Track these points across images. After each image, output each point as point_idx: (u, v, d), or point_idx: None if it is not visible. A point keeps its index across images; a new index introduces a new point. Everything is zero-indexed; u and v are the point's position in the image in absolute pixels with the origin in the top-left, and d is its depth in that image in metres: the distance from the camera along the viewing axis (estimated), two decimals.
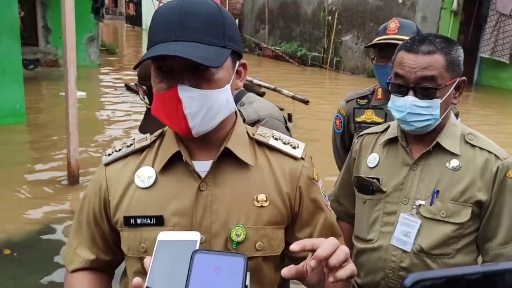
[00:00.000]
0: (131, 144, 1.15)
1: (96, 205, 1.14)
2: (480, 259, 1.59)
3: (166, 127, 1.14)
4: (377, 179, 1.57)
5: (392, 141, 1.59)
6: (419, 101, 1.42)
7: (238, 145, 1.08)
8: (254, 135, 1.13)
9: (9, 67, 6.68)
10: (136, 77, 1.69)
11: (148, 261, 0.79)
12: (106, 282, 1.22)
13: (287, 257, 1.17)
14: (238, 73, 1.08)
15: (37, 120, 7.40)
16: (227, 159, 1.08)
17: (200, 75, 0.98)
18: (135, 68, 1.09)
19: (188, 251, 0.74)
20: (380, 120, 2.17)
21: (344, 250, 0.87)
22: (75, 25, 4.77)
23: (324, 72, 14.78)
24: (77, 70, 4.89)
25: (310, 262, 0.86)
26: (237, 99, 1.69)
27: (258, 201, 1.07)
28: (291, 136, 1.62)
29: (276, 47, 16.64)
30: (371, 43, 2.22)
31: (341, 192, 1.80)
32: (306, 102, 4.82)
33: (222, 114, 1.03)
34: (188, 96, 0.97)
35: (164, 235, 0.80)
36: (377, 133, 1.67)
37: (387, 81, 1.51)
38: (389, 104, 1.51)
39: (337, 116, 2.37)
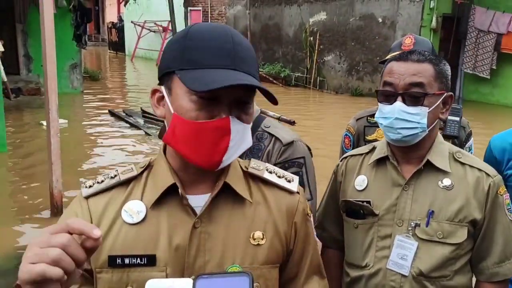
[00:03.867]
0: (115, 176, 1.05)
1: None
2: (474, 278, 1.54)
3: (154, 158, 1.06)
4: (368, 202, 1.51)
5: (380, 162, 1.55)
6: (407, 107, 1.41)
7: (235, 179, 1.02)
8: (247, 168, 1.07)
9: None
10: (118, 103, 1.61)
11: None
12: None
13: None
14: None
15: (19, 150, 7.26)
16: (224, 194, 1.01)
17: (242, 109, 0.94)
18: (206, 91, 0.89)
19: None
20: None
21: None
22: (56, 52, 4.71)
23: (308, 92, 14.86)
24: (60, 98, 4.82)
25: None
26: (259, 123, 1.67)
27: (254, 239, 1.00)
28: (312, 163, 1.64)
29: (259, 69, 16.70)
30: (385, 58, 2.17)
31: (326, 218, 1.71)
32: (292, 123, 4.78)
33: (244, 149, 0.98)
34: (236, 129, 0.92)
35: (152, 284, 0.72)
36: (362, 154, 1.63)
37: (375, 89, 1.50)
38: (377, 114, 1.49)
39: (346, 134, 2.30)
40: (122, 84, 16.22)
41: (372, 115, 2.21)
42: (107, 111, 10.37)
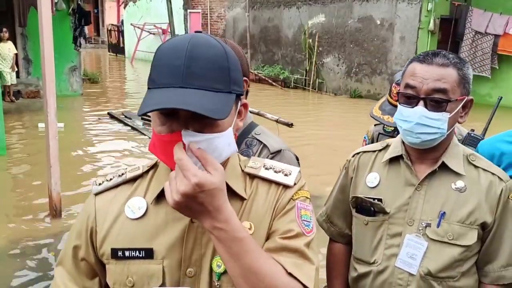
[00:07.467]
0: (123, 174, 1.12)
1: (83, 237, 1.10)
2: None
3: None
4: (379, 200, 1.52)
5: (394, 160, 1.55)
6: (429, 113, 1.40)
7: (232, 177, 1.06)
8: (245, 167, 1.10)
9: None
10: (118, 106, 1.65)
11: None
12: None
13: None
14: (239, 113, 1.05)
15: (19, 153, 7.30)
16: None
17: (204, 121, 0.95)
18: (141, 115, 1.00)
19: None
20: None
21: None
22: (56, 55, 4.75)
23: (307, 94, 14.90)
24: (59, 100, 4.86)
25: None
26: (250, 129, 1.70)
27: None
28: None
29: (258, 71, 16.77)
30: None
31: (334, 212, 1.71)
32: (290, 125, 4.83)
33: (222, 157, 0.99)
34: (192, 141, 0.94)
35: None
36: (374, 151, 1.62)
37: (397, 91, 1.48)
38: (396, 115, 1.48)
39: (364, 137, 2.38)
40: (121, 86, 16.26)
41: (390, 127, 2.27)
42: (106, 113, 10.42)
